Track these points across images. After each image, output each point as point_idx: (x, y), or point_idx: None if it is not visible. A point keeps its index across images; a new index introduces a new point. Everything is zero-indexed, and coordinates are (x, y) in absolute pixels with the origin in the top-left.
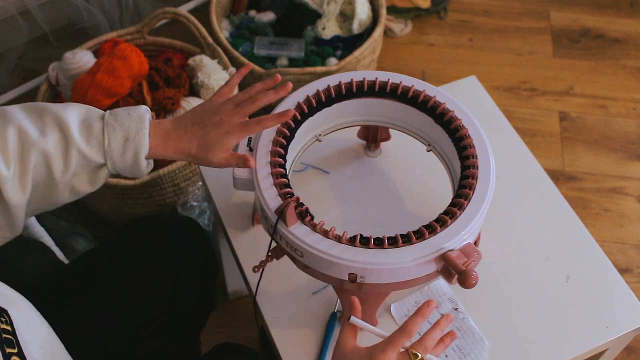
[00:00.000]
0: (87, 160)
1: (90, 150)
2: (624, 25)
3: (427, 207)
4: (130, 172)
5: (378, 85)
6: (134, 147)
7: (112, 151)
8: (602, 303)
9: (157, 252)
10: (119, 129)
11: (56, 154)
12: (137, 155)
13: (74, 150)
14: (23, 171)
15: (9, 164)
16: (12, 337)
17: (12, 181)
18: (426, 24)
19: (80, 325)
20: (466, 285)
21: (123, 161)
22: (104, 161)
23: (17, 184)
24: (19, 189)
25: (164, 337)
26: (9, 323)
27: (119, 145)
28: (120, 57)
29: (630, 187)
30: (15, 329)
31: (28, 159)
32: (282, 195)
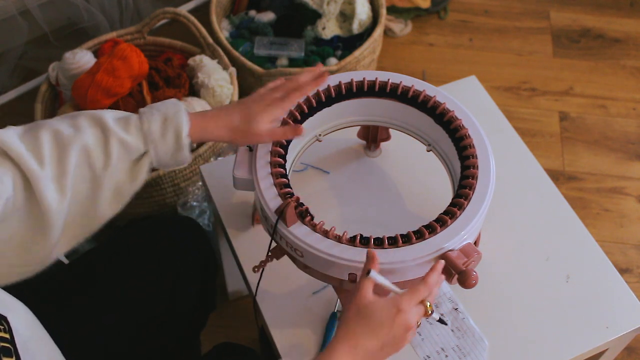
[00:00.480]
0: (128, 149)
1: (130, 137)
2: (624, 25)
3: (427, 207)
4: (173, 156)
5: (378, 85)
6: (174, 126)
7: (153, 134)
8: (602, 303)
9: (157, 252)
10: (156, 113)
11: (96, 147)
12: (178, 134)
13: (113, 139)
14: (62, 171)
15: (43, 164)
16: (10, 346)
17: (49, 180)
18: (426, 24)
19: (81, 325)
20: (466, 285)
21: (165, 143)
22: (145, 147)
23: (56, 184)
24: (57, 189)
25: (164, 337)
26: (8, 331)
27: (159, 127)
28: (120, 57)
29: (630, 187)
30: (15, 336)
31: (67, 157)
32: (282, 195)
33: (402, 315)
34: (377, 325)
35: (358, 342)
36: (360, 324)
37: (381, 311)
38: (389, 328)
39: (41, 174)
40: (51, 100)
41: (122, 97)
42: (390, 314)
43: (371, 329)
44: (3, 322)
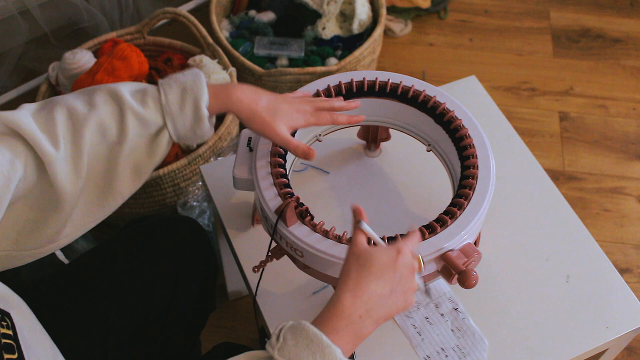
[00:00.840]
0: (145, 123)
1: (146, 110)
2: (624, 25)
3: (427, 207)
4: (192, 129)
5: (378, 85)
6: (193, 97)
7: (170, 105)
8: (602, 303)
9: (157, 252)
10: (174, 84)
11: (111, 124)
12: (197, 105)
13: (129, 113)
14: (77, 151)
15: (58, 144)
16: (12, 342)
17: (63, 162)
18: (426, 24)
19: (81, 325)
20: (466, 285)
21: (183, 115)
22: (163, 121)
23: (71, 166)
24: (72, 171)
25: (164, 337)
26: (11, 327)
27: (177, 98)
28: (120, 57)
29: (630, 187)
30: (18, 333)
31: (82, 137)
32: (282, 195)
33: (403, 257)
34: (380, 268)
35: (364, 287)
36: (362, 269)
37: (381, 255)
38: (393, 270)
39: (56, 155)
40: None
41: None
42: (390, 256)
43: (375, 272)
44: (6, 318)
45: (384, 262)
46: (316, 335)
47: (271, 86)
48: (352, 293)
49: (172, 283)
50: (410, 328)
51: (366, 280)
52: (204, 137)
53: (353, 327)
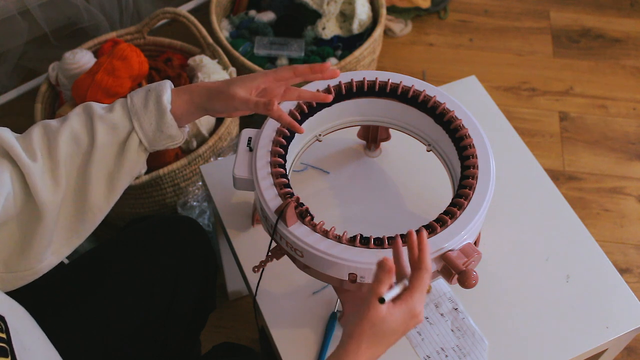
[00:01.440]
0: (114, 128)
1: (114, 115)
2: (624, 25)
3: (427, 207)
4: (158, 127)
5: (378, 85)
6: (155, 94)
7: (135, 105)
8: (602, 303)
9: (157, 252)
10: (140, 90)
11: (82, 132)
12: (159, 100)
13: (98, 120)
14: (53, 162)
15: (35, 157)
16: (6, 346)
17: (42, 174)
18: (426, 24)
19: (80, 325)
20: (466, 285)
21: (147, 113)
22: (130, 123)
23: (49, 177)
24: (50, 181)
25: (164, 337)
26: (5, 330)
27: (141, 99)
28: (120, 57)
29: (630, 187)
30: (12, 336)
31: (57, 147)
32: (282, 195)
33: (415, 320)
34: (391, 334)
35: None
36: (375, 339)
37: (396, 321)
38: (401, 332)
39: (34, 166)
40: (51, 100)
41: (122, 97)
42: (405, 320)
43: (384, 338)
44: (0, 322)
45: (397, 328)
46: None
47: None
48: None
49: (172, 283)
50: None
51: (374, 346)
52: (172, 135)
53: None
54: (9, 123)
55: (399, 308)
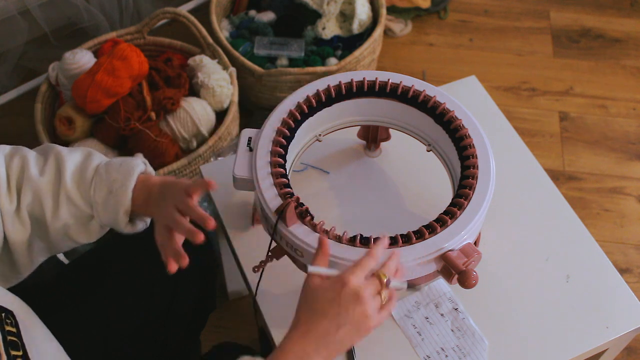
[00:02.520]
0: (76, 208)
1: (78, 197)
2: (624, 25)
3: (427, 207)
4: (116, 227)
5: (378, 85)
6: (114, 202)
7: (96, 203)
8: (602, 303)
9: (157, 252)
10: (105, 181)
11: (47, 194)
12: (116, 210)
13: (63, 194)
14: (20, 207)
15: (13, 198)
16: (17, 340)
17: (12, 215)
18: (426, 24)
19: (80, 325)
20: (466, 285)
21: (106, 214)
22: (91, 211)
23: (16, 219)
24: (18, 224)
25: (164, 337)
26: (15, 325)
27: (102, 198)
28: (120, 57)
29: (630, 187)
30: (22, 331)
31: (24, 195)
32: (282, 195)
33: (347, 288)
34: (323, 304)
35: (308, 327)
36: (308, 310)
37: (325, 291)
38: (337, 304)
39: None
40: (51, 100)
41: (122, 97)
42: (334, 290)
43: (318, 310)
44: (10, 316)
45: (327, 297)
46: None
47: (271, 86)
48: (300, 333)
49: (172, 283)
50: (410, 328)
51: (310, 319)
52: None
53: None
54: (9, 123)
55: (331, 279)
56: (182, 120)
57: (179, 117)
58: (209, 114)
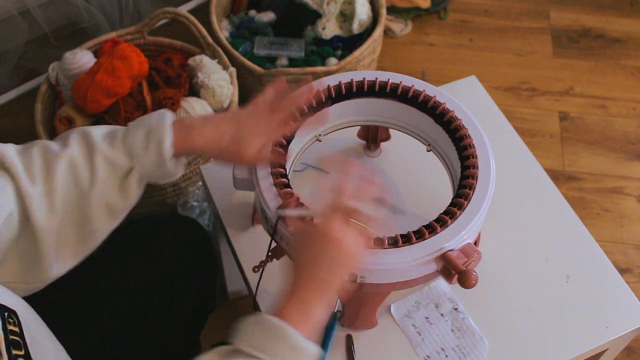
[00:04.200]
0: (114, 165)
1: (114, 152)
2: (624, 25)
3: (427, 207)
4: (159, 169)
5: (378, 85)
6: (156, 137)
7: (136, 147)
8: (602, 303)
9: (157, 252)
10: (140, 127)
11: (81, 162)
12: (160, 144)
13: (98, 155)
14: (50, 187)
15: (35, 180)
16: (19, 339)
17: (39, 198)
18: (426, 24)
19: (80, 325)
20: (466, 285)
21: (147, 155)
22: (130, 162)
23: (45, 202)
24: (46, 208)
25: (164, 337)
26: (17, 324)
27: (142, 140)
28: (120, 57)
29: (630, 187)
30: (24, 330)
31: (53, 173)
32: (282, 195)
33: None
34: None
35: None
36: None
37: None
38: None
39: (33, 191)
40: (51, 100)
41: (122, 97)
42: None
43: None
44: (13, 316)
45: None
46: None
47: None
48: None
49: (171, 283)
50: (410, 328)
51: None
52: (170, 176)
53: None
54: (9, 123)
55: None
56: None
57: (179, 117)
58: None
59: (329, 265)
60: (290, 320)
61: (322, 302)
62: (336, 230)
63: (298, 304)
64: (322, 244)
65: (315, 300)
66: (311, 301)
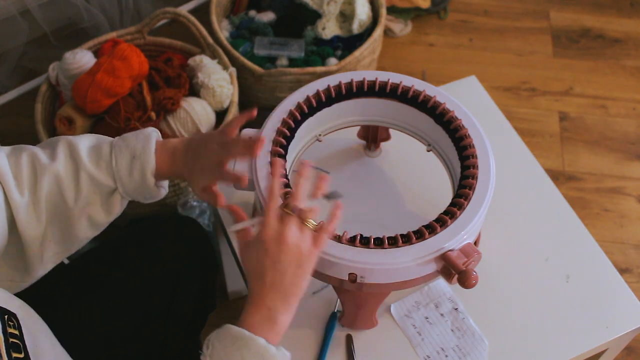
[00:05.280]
0: (98, 184)
1: (99, 172)
2: (624, 25)
3: (427, 207)
4: (141, 193)
5: (378, 85)
6: (140, 165)
7: (120, 171)
8: (602, 303)
9: (158, 252)
10: (125, 149)
11: (67, 178)
12: (143, 173)
13: (83, 173)
14: (36, 198)
15: (23, 190)
16: (19, 342)
17: (26, 209)
18: (426, 24)
19: (81, 325)
20: (466, 285)
21: (131, 181)
22: (114, 183)
23: (32, 212)
24: (33, 217)
25: (164, 337)
26: (17, 327)
27: (126, 165)
28: (120, 57)
29: (630, 187)
30: (24, 333)
31: (40, 185)
32: (282, 195)
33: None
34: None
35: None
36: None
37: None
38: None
39: (21, 201)
40: (51, 100)
41: (122, 97)
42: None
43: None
44: (13, 318)
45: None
46: (238, 332)
47: (271, 86)
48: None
49: (172, 283)
50: (410, 328)
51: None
52: (153, 197)
53: (268, 317)
54: (9, 123)
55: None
56: (182, 120)
57: (179, 117)
58: (209, 114)
59: (289, 270)
60: (258, 328)
61: (287, 307)
62: (289, 235)
63: (263, 311)
64: (278, 250)
65: (281, 307)
66: (277, 308)
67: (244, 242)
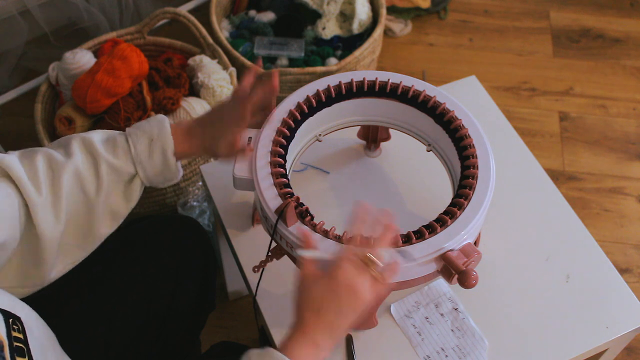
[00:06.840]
0: (118, 172)
1: (118, 161)
2: (624, 25)
3: (427, 207)
4: (162, 175)
5: (378, 85)
6: (160, 146)
7: (140, 155)
8: (602, 303)
9: (158, 252)
10: (141, 135)
11: (86, 172)
12: (164, 153)
13: (103, 164)
14: (56, 196)
15: (40, 190)
16: (23, 346)
17: (45, 208)
18: (426, 24)
19: (81, 325)
20: (466, 285)
21: (152, 164)
22: (134, 169)
23: (51, 211)
24: (52, 216)
25: (164, 336)
26: (22, 331)
27: (145, 148)
28: (120, 57)
29: (630, 187)
30: (28, 337)
31: (59, 182)
32: (282, 195)
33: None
34: (322, 302)
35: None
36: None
37: (321, 287)
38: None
39: (39, 200)
40: (51, 100)
41: (122, 97)
42: (329, 286)
43: (319, 307)
44: (17, 322)
45: (326, 297)
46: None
47: None
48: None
49: (172, 283)
50: (410, 328)
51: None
52: (172, 179)
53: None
54: (9, 123)
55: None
56: (182, 120)
57: (179, 117)
58: None
59: (340, 310)
60: (299, 358)
61: (330, 343)
62: (350, 276)
63: (310, 346)
64: (346, 296)
65: (323, 342)
66: (319, 342)
67: (310, 272)
